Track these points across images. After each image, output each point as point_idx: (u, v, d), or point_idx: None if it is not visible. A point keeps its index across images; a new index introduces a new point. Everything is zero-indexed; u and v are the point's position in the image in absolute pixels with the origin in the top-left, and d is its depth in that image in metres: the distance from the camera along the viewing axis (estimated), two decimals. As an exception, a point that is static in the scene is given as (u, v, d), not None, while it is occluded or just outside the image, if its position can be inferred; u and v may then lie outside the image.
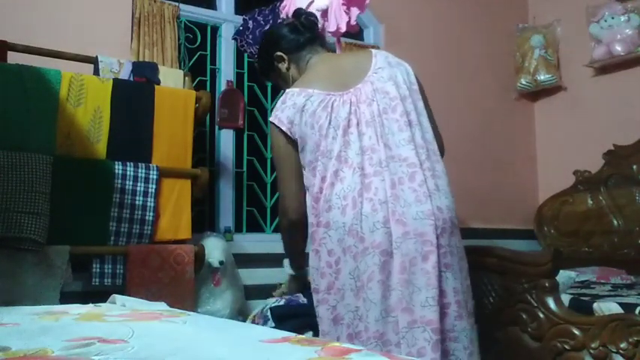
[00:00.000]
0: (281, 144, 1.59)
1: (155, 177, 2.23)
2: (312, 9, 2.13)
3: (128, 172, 2.18)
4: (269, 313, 2.10)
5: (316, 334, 1.75)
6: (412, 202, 1.43)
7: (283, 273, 2.60)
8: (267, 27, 2.61)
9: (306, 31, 1.75)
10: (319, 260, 1.48)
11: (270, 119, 1.61)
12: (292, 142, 1.57)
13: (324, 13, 2.11)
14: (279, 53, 1.76)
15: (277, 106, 1.61)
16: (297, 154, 1.58)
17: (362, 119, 1.52)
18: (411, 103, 1.56)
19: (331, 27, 2.11)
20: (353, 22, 2.12)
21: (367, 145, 1.48)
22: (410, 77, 1.63)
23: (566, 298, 2.14)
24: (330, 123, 1.52)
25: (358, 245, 1.42)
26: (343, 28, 2.12)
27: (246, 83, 3.08)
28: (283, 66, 1.77)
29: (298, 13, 1.82)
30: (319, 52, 1.74)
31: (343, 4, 2.10)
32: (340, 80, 1.59)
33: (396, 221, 1.41)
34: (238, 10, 3.01)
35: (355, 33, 2.43)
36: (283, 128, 1.56)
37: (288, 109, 1.57)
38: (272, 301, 2.27)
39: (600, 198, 3.41)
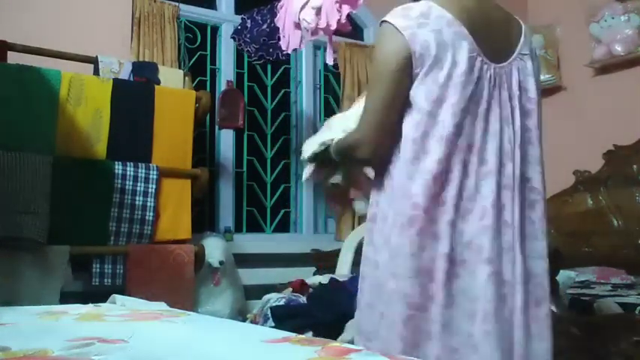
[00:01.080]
0: (390, 53, 1.16)
1: (155, 177, 2.23)
2: (308, 7, 2.12)
3: (128, 172, 2.18)
4: (269, 313, 2.10)
5: (316, 334, 1.75)
6: (530, 236, 1.20)
7: (283, 273, 2.61)
8: (264, 26, 2.62)
9: None
10: (421, 250, 1.13)
11: (386, 18, 1.18)
12: (406, 60, 1.15)
13: (319, 10, 2.10)
14: None
15: (400, 12, 1.18)
16: (406, 80, 1.16)
17: (503, 111, 1.19)
18: (539, 113, 1.26)
19: (322, 24, 2.10)
20: (343, 20, 2.11)
21: (506, 150, 1.18)
22: (539, 79, 1.30)
23: (566, 298, 2.14)
24: (473, 93, 1.15)
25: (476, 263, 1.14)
26: (333, 26, 2.10)
27: (246, 83, 3.08)
28: None
29: None
30: None
31: (336, 1, 2.08)
32: (488, 40, 1.19)
33: (520, 253, 1.16)
34: (238, 10, 3.01)
35: (348, 32, 2.41)
36: (405, 34, 1.14)
37: (422, 25, 1.14)
38: (269, 296, 2.27)
39: (600, 198, 3.40)
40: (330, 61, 2.32)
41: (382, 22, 1.20)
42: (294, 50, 2.43)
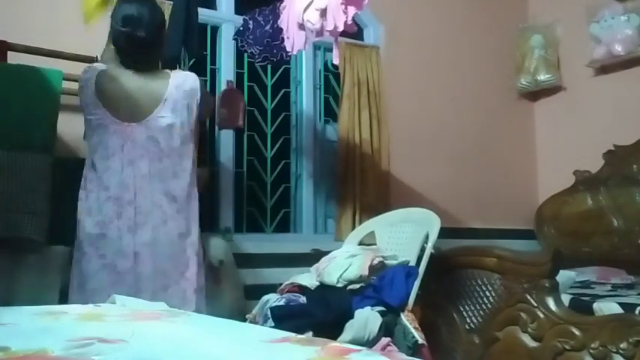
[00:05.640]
0: None
1: (155, 177, 2.22)
2: (312, 8, 2.13)
3: (128, 172, 2.17)
4: (269, 313, 2.10)
5: (316, 334, 1.75)
6: None
7: (283, 273, 2.60)
8: (267, 27, 2.61)
9: None
10: None
11: None
12: None
13: (323, 12, 2.10)
14: None
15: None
16: None
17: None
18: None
19: (329, 26, 2.10)
20: (349, 22, 2.11)
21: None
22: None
23: (566, 298, 2.14)
24: None
25: None
26: (341, 28, 2.10)
27: (246, 83, 3.07)
28: None
29: None
30: None
31: (342, 3, 2.08)
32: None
33: None
34: (238, 10, 3.01)
35: (353, 33, 2.42)
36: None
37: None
38: (268, 297, 2.27)
39: (600, 198, 3.41)
40: (337, 62, 2.34)
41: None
42: (299, 51, 2.44)
